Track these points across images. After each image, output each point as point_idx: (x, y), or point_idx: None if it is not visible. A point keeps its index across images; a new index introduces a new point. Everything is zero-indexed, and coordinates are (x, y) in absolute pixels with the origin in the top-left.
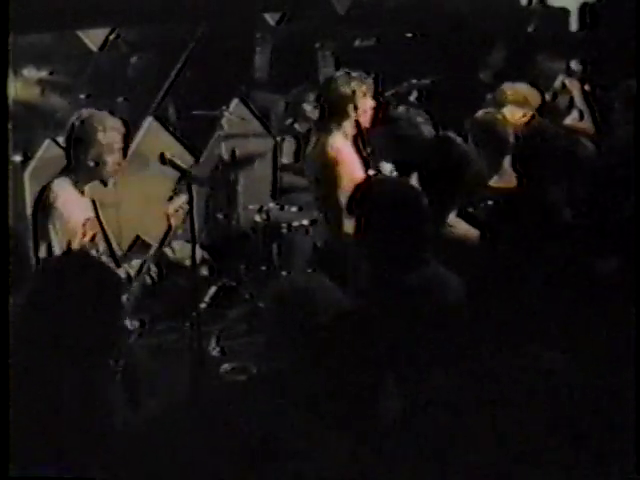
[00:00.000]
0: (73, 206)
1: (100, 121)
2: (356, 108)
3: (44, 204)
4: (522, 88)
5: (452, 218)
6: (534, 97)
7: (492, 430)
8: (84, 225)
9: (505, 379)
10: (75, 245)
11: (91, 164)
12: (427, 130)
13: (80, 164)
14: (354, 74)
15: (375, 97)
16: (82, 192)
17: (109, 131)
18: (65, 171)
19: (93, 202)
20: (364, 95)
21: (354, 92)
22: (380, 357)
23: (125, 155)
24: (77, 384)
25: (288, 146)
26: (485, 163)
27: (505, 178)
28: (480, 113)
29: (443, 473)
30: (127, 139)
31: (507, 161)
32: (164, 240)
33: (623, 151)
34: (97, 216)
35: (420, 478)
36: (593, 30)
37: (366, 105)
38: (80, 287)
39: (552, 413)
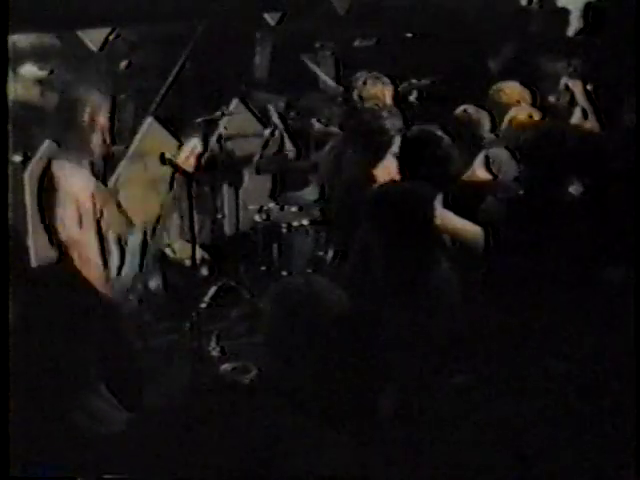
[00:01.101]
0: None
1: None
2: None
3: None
4: (513, 87)
5: (439, 210)
6: (524, 96)
7: (492, 431)
8: (93, 197)
9: (506, 381)
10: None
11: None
12: (391, 124)
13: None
14: (377, 74)
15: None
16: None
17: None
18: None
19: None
20: (388, 95)
21: (383, 93)
22: (381, 357)
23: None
24: (77, 384)
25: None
26: (460, 158)
27: (475, 174)
28: (458, 110)
29: (443, 473)
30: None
31: (480, 158)
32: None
33: (627, 152)
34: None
35: (420, 478)
36: (594, 30)
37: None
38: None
39: (554, 415)
